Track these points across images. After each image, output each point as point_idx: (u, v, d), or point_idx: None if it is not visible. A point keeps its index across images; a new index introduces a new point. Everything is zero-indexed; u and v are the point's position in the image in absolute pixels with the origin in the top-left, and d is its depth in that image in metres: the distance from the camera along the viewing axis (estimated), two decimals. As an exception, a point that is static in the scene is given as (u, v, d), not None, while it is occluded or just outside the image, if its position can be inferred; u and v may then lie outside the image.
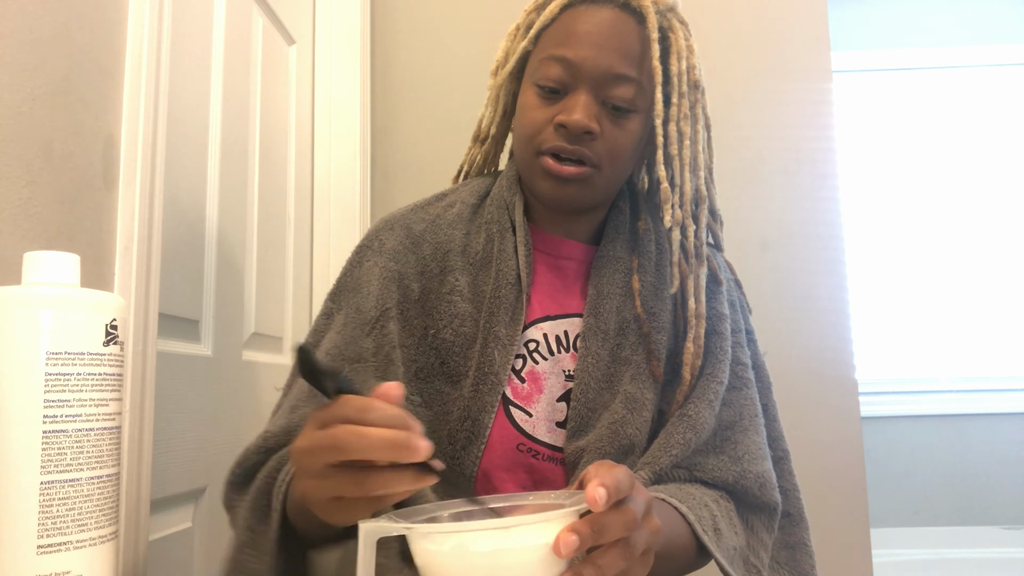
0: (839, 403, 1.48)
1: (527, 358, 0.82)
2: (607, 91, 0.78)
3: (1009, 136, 3.22)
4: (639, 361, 0.82)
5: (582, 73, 0.78)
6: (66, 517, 0.50)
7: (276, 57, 1.38)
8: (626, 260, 0.86)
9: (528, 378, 0.81)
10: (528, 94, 0.81)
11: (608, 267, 0.85)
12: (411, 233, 0.84)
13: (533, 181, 0.82)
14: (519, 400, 0.80)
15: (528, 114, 0.81)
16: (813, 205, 1.54)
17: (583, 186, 0.80)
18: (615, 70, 0.78)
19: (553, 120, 0.79)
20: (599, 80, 0.78)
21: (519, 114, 0.83)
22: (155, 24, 0.86)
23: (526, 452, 0.79)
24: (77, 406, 0.51)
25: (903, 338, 3.16)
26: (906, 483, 3.00)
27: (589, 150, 0.78)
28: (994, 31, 3.21)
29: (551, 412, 0.81)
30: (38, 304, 0.50)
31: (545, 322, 0.83)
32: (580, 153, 0.78)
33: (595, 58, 0.77)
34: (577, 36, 0.78)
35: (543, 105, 0.80)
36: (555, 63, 0.79)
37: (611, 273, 0.84)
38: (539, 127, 0.79)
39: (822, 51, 1.57)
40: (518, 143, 0.84)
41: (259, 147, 1.28)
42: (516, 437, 0.79)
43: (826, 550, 1.51)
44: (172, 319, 0.99)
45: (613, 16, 0.78)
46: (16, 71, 0.67)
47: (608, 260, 0.85)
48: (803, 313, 1.50)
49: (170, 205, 0.94)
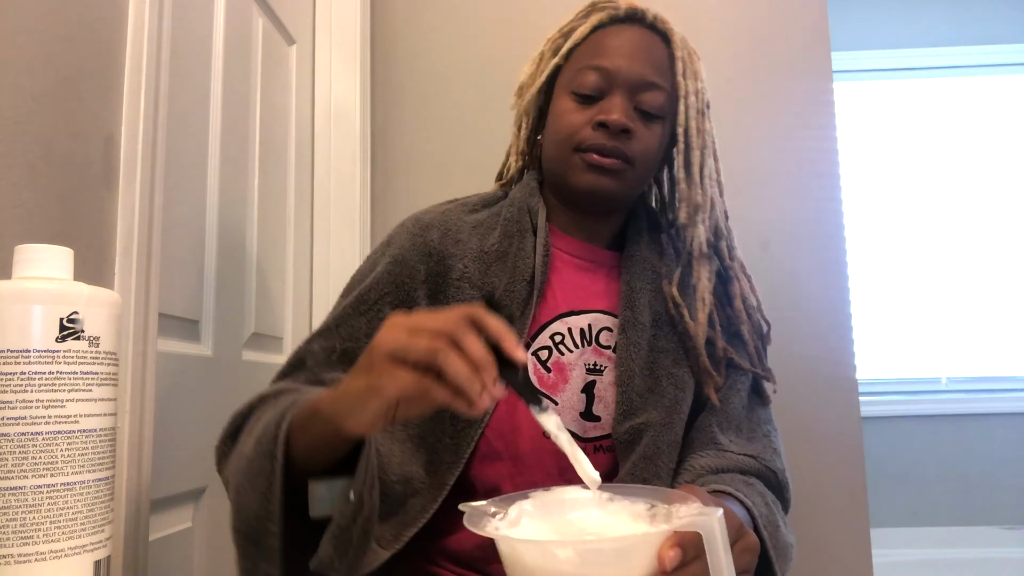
0: (839, 403, 1.48)
1: (553, 349, 0.87)
2: (639, 96, 0.87)
3: (1009, 136, 3.22)
4: (676, 349, 0.89)
5: (618, 79, 0.86)
6: (6, 528, 0.45)
7: (276, 57, 1.38)
8: (652, 261, 0.92)
9: (554, 368, 0.87)
10: (564, 101, 0.89)
11: (637, 266, 0.91)
12: (420, 222, 0.91)
13: (570, 177, 0.88)
14: (545, 389, 0.85)
15: (566, 118, 0.88)
16: (813, 205, 1.54)
17: (620, 179, 0.87)
18: (647, 78, 0.87)
19: (592, 120, 0.86)
20: (633, 86, 0.86)
21: (555, 120, 0.90)
22: (155, 24, 0.86)
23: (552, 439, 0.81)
24: (21, 408, 0.46)
25: (904, 338, 3.15)
26: (906, 483, 3.00)
27: (626, 147, 0.86)
28: (994, 31, 3.21)
29: (575, 402, 0.86)
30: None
31: (569, 316, 0.89)
32: (619, 150, 0.85)
33: (629, 66, 0.86)
34: (611, 48, 0.88)
35: (580, 109, 0.87)
36: (592, 71, 0.87)
37: (640, 271, 0.91)
38: (577, 127, 0.86)
39: (822, 51, 1.57)
40: (554, 145, 0.90)
41: (259, 147, 1.28)
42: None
43: (826, 550, 1.51)
44: (172, 319, 0.99)
45: (642, 34, 0.89)
46: (16, 71, 0.67)
47: (636, 260, 0.92)
48: (803, 313, 1.50)
49: (170, 205, 0.94)
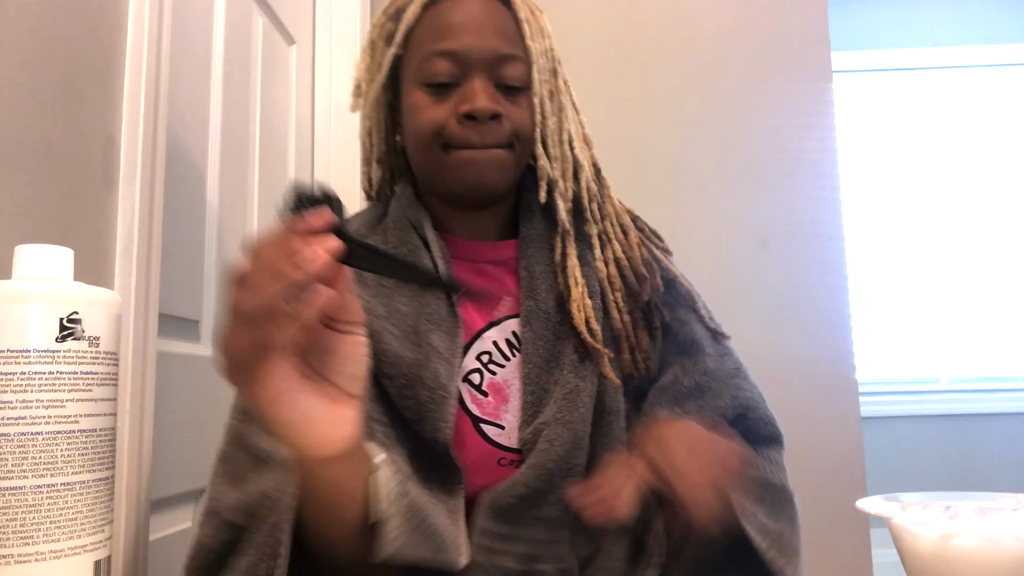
0: (839, 403, 1.48)
1: (483, 370, 0.79)
2: (498, 72, 0.78)
3: (1009, 136, 3.22)
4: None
5: (471, 60, 0.77)
6: (6, 528, 0.45)
7: (276, 57, 1.38)
8: (548, 237, 0.84)
9: (490, 391, 0.78)
10: (416, 96, 0.79)
11: (533, 247, 0.83)
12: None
13: (447, 177, 0.79)
14: (487, 415, 0.77)
15: (423, 114, 0.78)
16: (813, 205, 1.54)
17: (502, 168, 0.79)
18: (501, 51, 0.78)
19: (455, 113, 0.77)
20: (489, 63, 0.78)
21: (412, 118, 0.80)
22: (155, 24, 0.86)
23: (508, 465, 0.76)
24: (21, 408, 0.46)
25: (904, 338, 3.15)
26: (906, 483, 3.00)
27: (500, 132, 0.78)
28: (994, 31, 3.21)
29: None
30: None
31: (490, 330, 0.80)
32: (493, 138, 0.77)
33: (479, 43, 0.77)
34: (453, 27, 0.78)
35: (436, 103, 0.78)
36: (439, 58, 0.78)
37: (538, 253, 0.83)
38: (440, 123, 0.77)
39: (822, 51, 1.57)
40: (419, 147, 0.80)
41: (259, 147, 1.28)
42: (494, 453, 0.76)
43: (826, 550, 1.51)
44: (172, 319, 0.99)
45: (481, 3, 0.79)
46: (16, 71, 0.67)
47: (531, 241, 0.84)
48: (803, 313, 1.50)
49: (170, 205, 0.94)
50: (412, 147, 0.82)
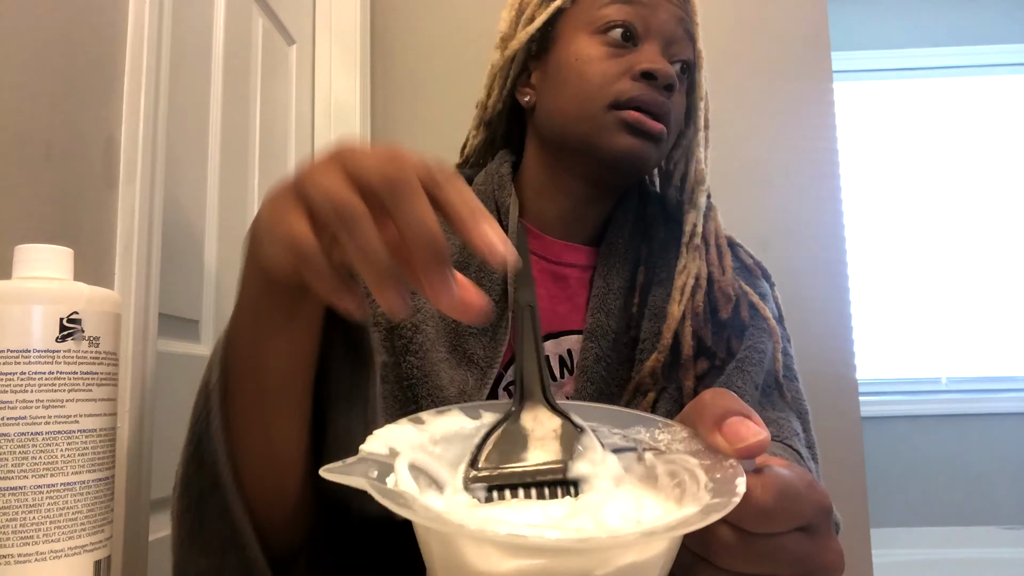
0: (839, 403, 1.48)
1: None
2: (674, 48, 0.72)
3: (1009, 136, 3.22)
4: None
5: (654, 22, 0.71)
6: (6, 528, 0.45)
7: (276, 57, 1.38)
8: (632, 251, 0.77)
9: None
10: (584, 46, 0.71)
11: (616, 257, 0.76)
12: None
13: (601, 139, 0.70)
14: None
15: (594, 65, 0.70)
16: (813, 205, 1.54)
17: (659, 151, 0.72)
18: (685, 24, 0.72)
19: (631, 70, 0.69)
20: (671, 33, 0.71)
21: (575, 69, 0.71)
22: (155, 24, 0.86)
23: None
24: (21, 408, 0.46)
25: (904, 338, 3.15)
26: (906, 483, 3.00)
27: (666, 110, 0.70)
28: (994, 31, 3.21)
29: None
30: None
31: (546, 342, 0.72)
32: (667, 110, 0.70)
33: (667, 6, 0.71)
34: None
35: (611, 56, 0.70)
36: (626, 5, 0.70)
37: (620, 264, 0.76)
38: (611, 78, 0.69)
39: (822, 51, 1.57)
40: (576, 101, 0.71)
41: (259, 147, 1.28)
42: None
43: (826, 550, 1.51)
44: (172, 319, 0.99)
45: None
46: (16, 71, 0.67)
47: (616, 250, 0.76)
48: (803, 313, 1.50)
49: (170, 205, 0.94)
50: (564, 102, 0.73)
